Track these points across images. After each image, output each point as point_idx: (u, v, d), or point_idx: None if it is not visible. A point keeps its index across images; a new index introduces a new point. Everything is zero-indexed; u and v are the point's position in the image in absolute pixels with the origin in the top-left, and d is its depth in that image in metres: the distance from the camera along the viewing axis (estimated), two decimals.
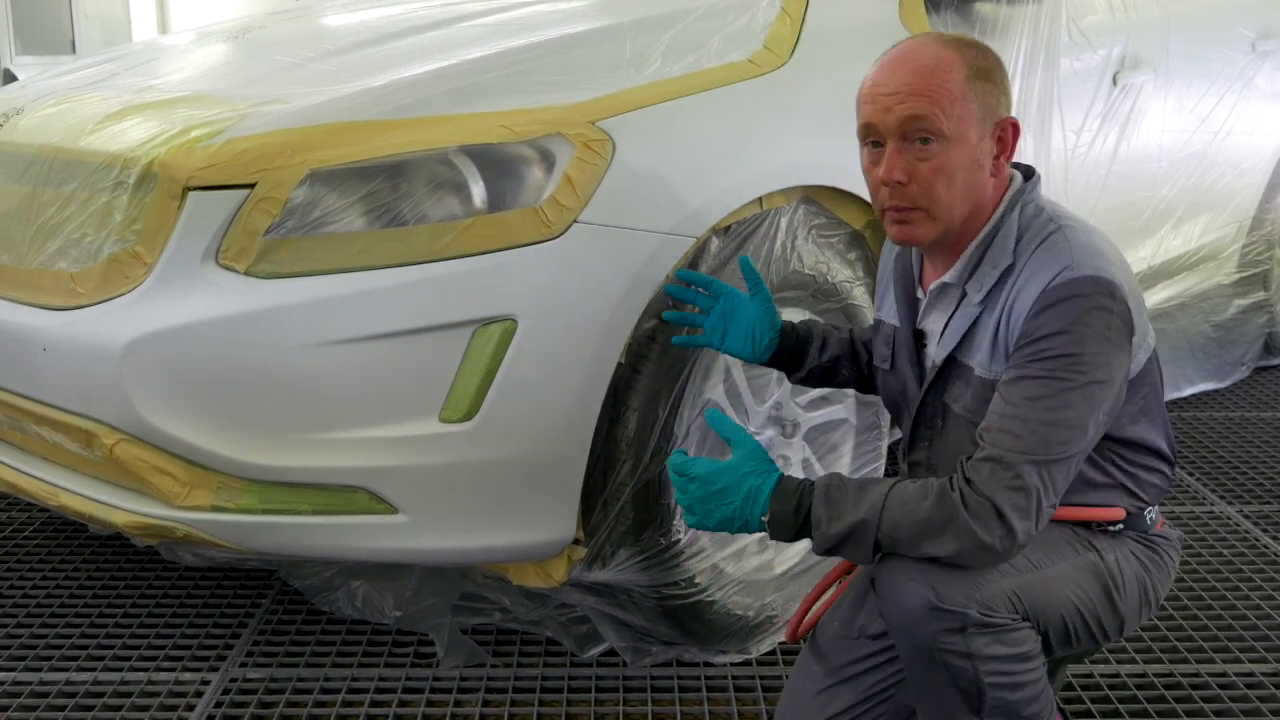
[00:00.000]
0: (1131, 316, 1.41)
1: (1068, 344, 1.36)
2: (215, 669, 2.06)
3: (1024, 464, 1.34)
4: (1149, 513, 1.56)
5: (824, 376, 1.82)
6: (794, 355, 1.79)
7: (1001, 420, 1.38)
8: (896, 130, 1.43)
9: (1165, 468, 1.58)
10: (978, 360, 1.48)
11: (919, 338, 1.60)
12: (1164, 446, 1.56)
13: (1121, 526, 1.54)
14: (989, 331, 1.46)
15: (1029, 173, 1.55)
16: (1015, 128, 1.47)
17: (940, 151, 1.42)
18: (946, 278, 1.52)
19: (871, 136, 1.47)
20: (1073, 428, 1.36)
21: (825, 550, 1.41)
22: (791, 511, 1.40)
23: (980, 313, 1.48)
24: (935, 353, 1.55)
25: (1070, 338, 1.36)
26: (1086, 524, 1.52)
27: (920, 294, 1.60)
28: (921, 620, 1.38)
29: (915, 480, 1.40)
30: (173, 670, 2.06)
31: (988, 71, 1.45)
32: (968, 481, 1.35)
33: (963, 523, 1.34)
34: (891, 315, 1.65)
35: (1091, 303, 1.37)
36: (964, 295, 1.50)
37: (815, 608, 1.69)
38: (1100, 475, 1.52)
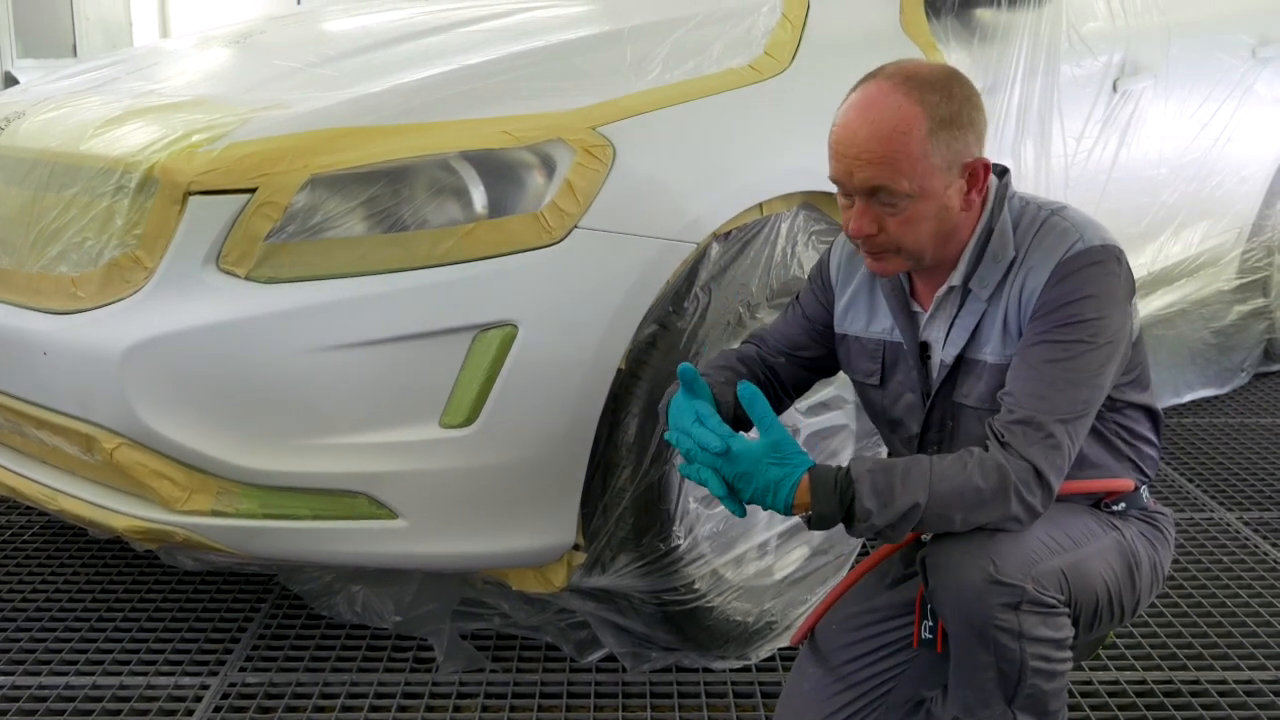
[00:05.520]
0: (1132, 279, 1.49)
1: (1088, 309, 1.43)
2: (214, 673, 2.06)
3: (1054, 423, 1.40)
4: (1144, 490, 1.62)
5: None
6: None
7: (1027, 384, 1.43)
8: (861, 191, 1.45)
9: (1157, 437, 1.64)
10: (989, 350, 1.52)
11: (923, 349, 1.60)
12: (1155, 404, 1.62)
13: (1124, 506, 1.58)
14: (998, 321, 1.50)
15: (1000, 170, 1.57)
16: (986, 168, 1.48)
17: (907, 207, 1.45)
18: (952, 280, 1.54)
19: (840, 188, 1.49)
20: (1094, 386, 1.44)
21: (866, 535, 1.41)
22: (835, 510, 1.37)
23: (986, 308, 1.52)
24: (943, 355, 1.56)
25: (1091, 303, 1.43)
26: (1098, 503, 1.57)
27: (916, 307, 1.60)
28: (980, 593, 1.40)
29: (943, 455, 1.42)
30: (171, 674, 2.05)
31: (950, 118, 1.43)
32: (1004, 446, 1.39)
33: (1012, 488, 1.38)
34: (882, 331, 1.63)
35: (1106, 269, 1.45)
36: (968, 293, 1.53)
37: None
38: (1107, 450, 1.57)
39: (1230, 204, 3.41)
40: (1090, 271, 1.44)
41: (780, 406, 1.73)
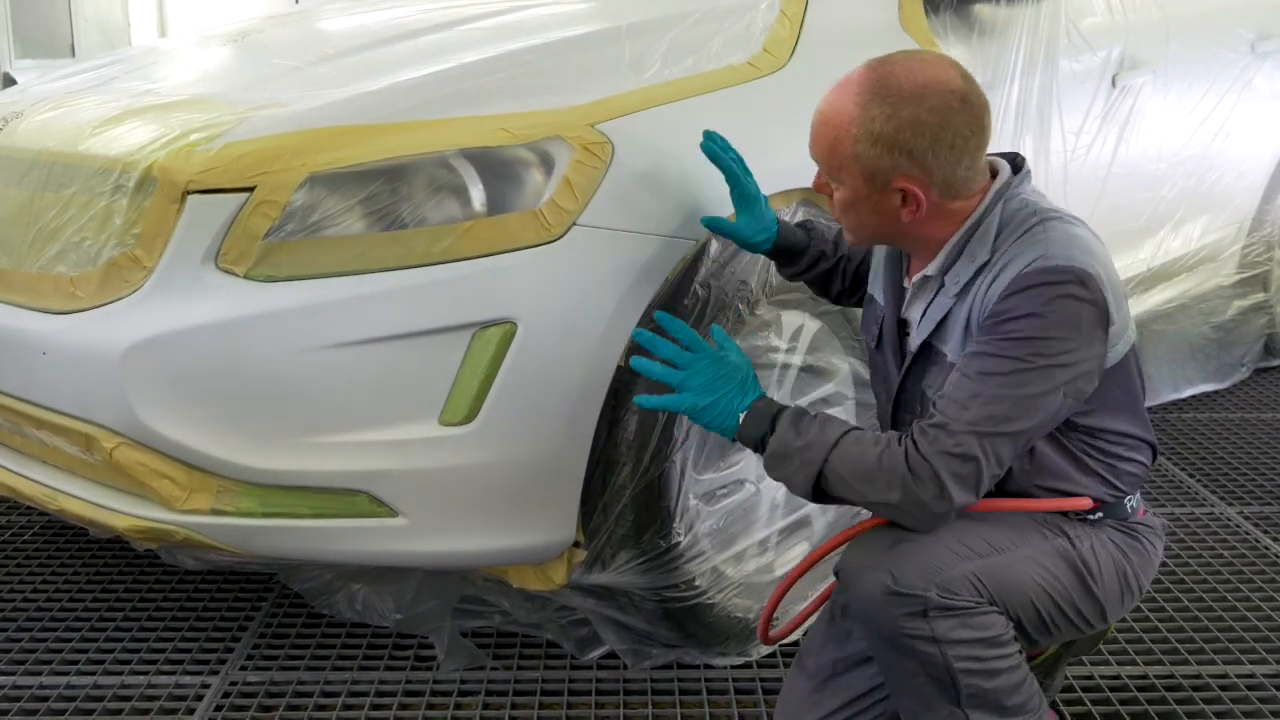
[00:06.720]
0: (1108, 307, 1.43)
1: (1031, 328, 1.39)
2: (215, 672, 2.06)
3: (966, 433, 1.38)
4: (1129, 500, 1.58)
5: (808, 283, 1.91)
6: (788, 253, 1.85)
7: (954, 390, 1.42)
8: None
9: (1144, 457, 1.59)
10: (950, 347, 1.52)
11: (902, 326, 1.63)
12: (1145, 435, 1.58)
13: (1100, 515, 1.56)
14: (961, 320, 1.50)
15: (1019, 163, 1.56)
16: (915, 197, 1.47)
17: (837, 188, 1.52)
18: (928, 270, 1.55)
19: None
20: (1022, 406, 1.39)
21: (773, 467, 1.47)
22: (768, 418, 1.48)
23: (954, 303, 1.51)
24: (913, 339, 1.59)
25: (1035, 322, 1.39)
26: (1062, 512, 1.54)
27: (906, 284, 1.63)
28: (881, 605, 1.41)
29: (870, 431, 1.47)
30: (173, 674, 2.05)
31: (882, 136, 1.43)
32: (914, 442, 1.40)
33: (901, 476, 1.38)
34: (882, 298, 1.68)
35: (1061, 290, 1.39)
36: (942, 285, 1.54)
37: (792, 616, 1.71)
38: (1073, 465, 1.54)
39: (1230, 199, 3.41)
40: (1042, 291, 1.39)
41: (835, 282, 1.87)
